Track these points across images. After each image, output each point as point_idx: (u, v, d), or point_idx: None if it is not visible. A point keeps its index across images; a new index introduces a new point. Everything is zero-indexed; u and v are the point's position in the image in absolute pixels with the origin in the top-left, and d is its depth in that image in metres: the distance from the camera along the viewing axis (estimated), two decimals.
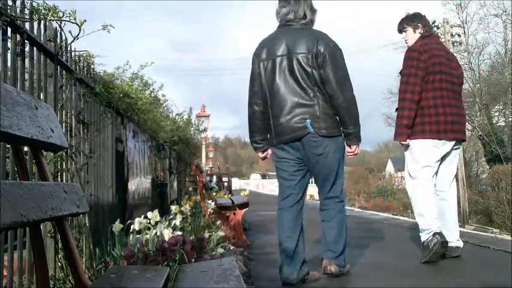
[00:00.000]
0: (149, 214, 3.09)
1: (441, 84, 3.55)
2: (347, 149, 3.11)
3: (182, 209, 4.12)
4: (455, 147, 3.67)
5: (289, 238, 2.95)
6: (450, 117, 3.54)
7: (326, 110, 2.91)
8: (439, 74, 3.56)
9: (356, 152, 3.13)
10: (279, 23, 3.10)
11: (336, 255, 3.04)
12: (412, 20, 3.79)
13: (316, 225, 3.33)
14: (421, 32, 3.74)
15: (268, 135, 3.06)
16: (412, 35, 3.79)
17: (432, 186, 3.62)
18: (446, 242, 3.45)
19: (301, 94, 2.90)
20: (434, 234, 3.41)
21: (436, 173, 3.68)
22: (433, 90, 3.54)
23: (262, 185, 42.21)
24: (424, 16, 3.84)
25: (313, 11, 3.10)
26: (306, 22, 3.03)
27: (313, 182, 3.19)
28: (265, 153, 3.17)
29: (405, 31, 3.83)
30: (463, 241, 3.80)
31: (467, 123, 21.80)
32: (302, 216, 3.07)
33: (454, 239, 3.62)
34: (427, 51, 3.57)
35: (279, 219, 3.04)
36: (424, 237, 3.51)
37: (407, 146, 3.69)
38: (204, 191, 5.68)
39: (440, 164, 3.65)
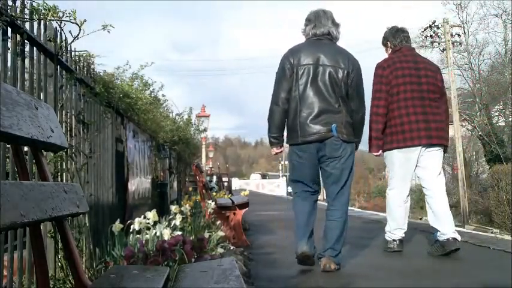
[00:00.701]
0: (148, 214, 3.09)
1: (405, 94, 3.81)
2: None
3: (182, 209, 4.12)
4: (429, 150, 3.84)
5: (305, 225, 3.28)
6: (415, 124, 3.76)
7: (348, 118, 3.28)
8: (403, 86, 3.82)
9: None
10: (307, 38, 3.43)
11: (336, 253, 3.26)
12: (385, 37, 4.16)
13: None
14: (392, 47, 4.08)
15: (290, 133, 3.34)
16: (387, 51, 4.18)
17: (402, 198, 3.97)
18: (401, 244, 3.99)
19: (329, 101, 3.23)
20: (394, 240, 3.98)
21: (417, 176, 4.04)
22: (397, 102, 3.82)
23: (262, 185, 42.17)
24: (399, 30, 4.11)
25: (337, 25, 3.42)
26: (333, 38, 3.39)
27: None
28: (281, 149, 3.47)
29: (384, 48, 4.25)
30: (463, 241, 3.87)
31: (467, 123, 21.88)
32: (316, 207, 3.39)
33: (449, 231, 3.73)
34: (390, 66, 3.89)
35: (297, 207, 3.36)
36: (386, 236, 4.06)
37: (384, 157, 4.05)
38: (204, 191, 5.68)
39: (419, 167, 3.91)
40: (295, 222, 3.31)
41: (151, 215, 3.05)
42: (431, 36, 19.37)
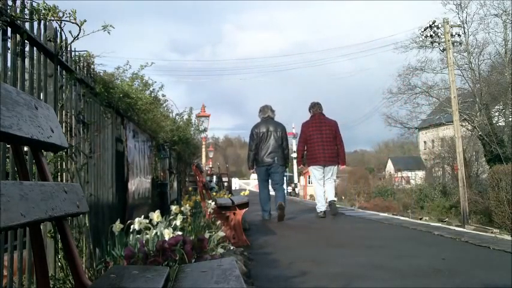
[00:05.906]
0: (151, 214, 3.09)
1: (314, 139, 7.70)
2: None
3: (182, 209, 4.11)
4: (326, 167, 7.71)
5: (267, 202, 7.48)
6: (318, 154, 7.66)
7: (282, 154, 7.42)
8: (311, 136, 7.74)
9: (286, 170, 8.69)
10: (261, 118, 7.58)
11: (284, 200, 7.26)
12: (309, 108, 8.00)
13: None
14: (311, 113, 7.92)
15: (256, 162, 7.42)
16: (310, 114, 8.08)
17: (321, 188, 7.83)
18: (325, 214, 7.68)
19: (275, 147, 7.33)
20: (320, 212, 7.70)
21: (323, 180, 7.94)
22: (309, 144, 7.77)
23: None
24: (316, 104, 7.92)
25: (273, 111, 7.63)
26: (272, 118, 7.59)
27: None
28: (253, 169, 7.63)
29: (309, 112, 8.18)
30: (463, 241, 4.32)
31: (467, 123, 21.94)
32: (269, 192, 7.57)
33: (328, 210, 7.80)
34: (307, 124, 7.90)
35: (261, 194, 7.53)
36: (317, 210, 7.81)
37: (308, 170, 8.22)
38: (204, 191, 5.68)
39: (324, 176, 7.78)
40: (261, 200, 7.48)
41: (155, 215, 3.05)
42: (431, 36, 19.37)
